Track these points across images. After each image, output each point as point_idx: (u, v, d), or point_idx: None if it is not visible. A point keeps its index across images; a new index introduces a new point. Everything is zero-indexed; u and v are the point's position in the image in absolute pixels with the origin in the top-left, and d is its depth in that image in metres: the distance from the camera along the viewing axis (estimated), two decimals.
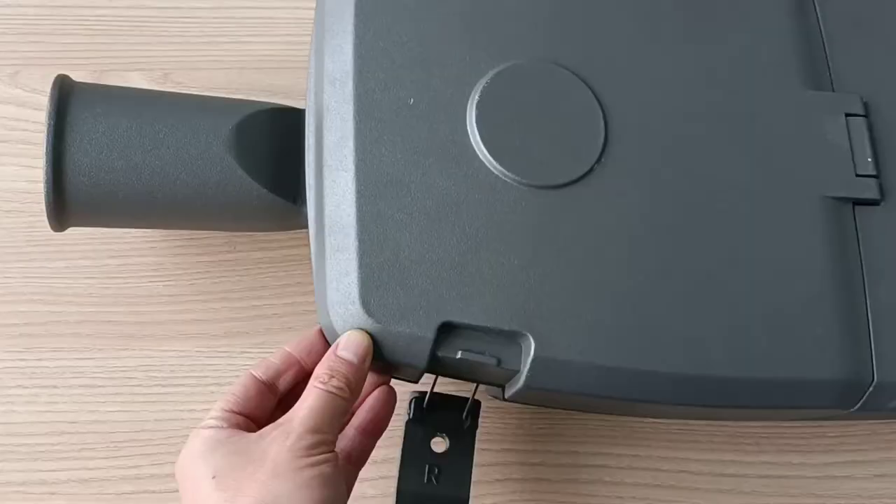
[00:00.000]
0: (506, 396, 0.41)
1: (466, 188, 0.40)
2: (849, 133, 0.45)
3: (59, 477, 0.46)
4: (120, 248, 0.49)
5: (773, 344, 0.41)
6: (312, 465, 0.36)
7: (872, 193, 0.44)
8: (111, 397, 0.47)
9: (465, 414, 0.44)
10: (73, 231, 0.45)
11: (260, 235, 0.50)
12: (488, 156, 0.40)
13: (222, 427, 0.38)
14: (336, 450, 0.38)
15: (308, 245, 0.42)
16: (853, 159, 0.44)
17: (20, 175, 0.50)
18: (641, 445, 0.49)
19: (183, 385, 0.48)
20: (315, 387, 0.38)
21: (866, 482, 0.49)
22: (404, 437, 0.44)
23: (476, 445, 0.44)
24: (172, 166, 0.41)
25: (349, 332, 0.39)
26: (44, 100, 0.41)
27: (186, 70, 0.52)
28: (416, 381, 0.41)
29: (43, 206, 0.41)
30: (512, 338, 0.39)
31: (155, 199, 0.41)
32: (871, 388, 0.42)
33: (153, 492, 0.46)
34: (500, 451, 0.48)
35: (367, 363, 0.39)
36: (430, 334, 0.38)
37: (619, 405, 0.43)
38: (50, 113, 0.39)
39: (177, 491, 0.37)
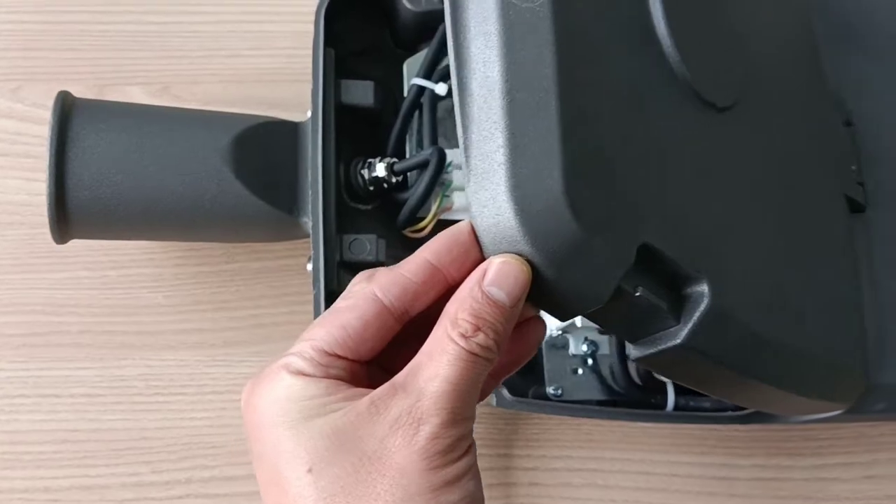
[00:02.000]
0: (636, 356, 0.33)
1: (653, 85, 0.34)
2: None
3: (62, 484, 0.47)
4: (120, 260, 0.50)
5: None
6: (455, 479, 0.27)
7: (861, 200, 0.45)
8: (112, 406, 0.48)
9: None
10: (73, 243, 0.46)
11: (257, 246, 0.51)
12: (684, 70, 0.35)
13: (316, 376, 0.28)
14: None
15: (305, 255, 0.43)
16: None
17: (22, 188, 0.51)
18: (633, 449, 0.49)
19: (183, 393, 0.49)
20: (453, 342, 0.27)
21: (855, 484, 0.50)
22: None
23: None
24: (171, 179, 0.42)
25: (503, 258, 0.28)
26: (45, 114, 0.42)
27: (186, 84, 0.53)
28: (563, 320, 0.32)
29: (44, 219, 0.42)
30: (684, 283, 0.32)
31: (154, 212, 0.42)
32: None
33: (154, 499, 0.47)
34: (495, 456, 0.49)
35: (520, 308, 0.29)
36: (631, 256, 0.30)
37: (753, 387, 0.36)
38: (53, 129, 0.40)
39: (179, 498, 0.38)
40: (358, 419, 0.27)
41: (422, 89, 0.47)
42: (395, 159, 0.46)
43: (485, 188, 0.29)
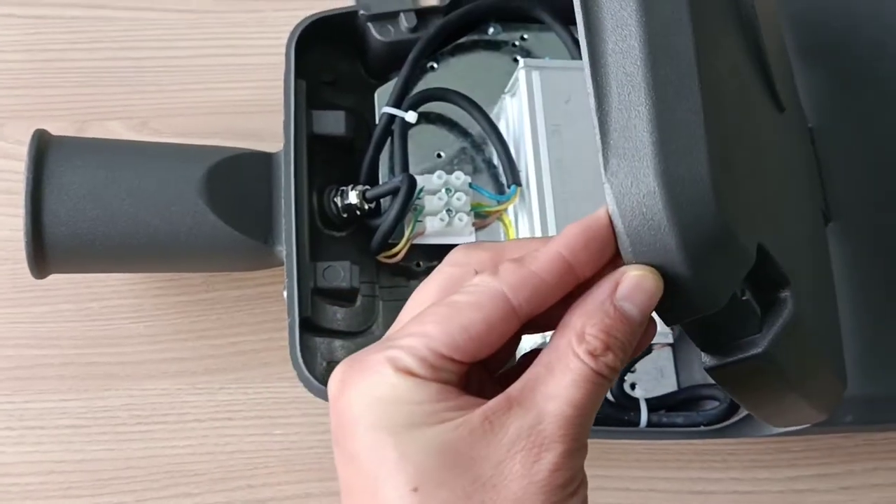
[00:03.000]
0: (711, 365, 0.30)
1: (750, 76, 0.33)
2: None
3: None
4: (101, 292, 0.51)
5: None
6: None
7: (827, 213, 0.46)
8: (96, 436, 0.49)
9: None
10: (55, 276, 0.47)
11: (237, 274, 0.52)
12: None
13: (426, 378, 0.25)
14: None
15: (283, 282, 0.44)
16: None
17: (4, 224, 0.52)
18: (612, 466, 0.50)
19: (164, 422, 0.49)
20: (579, 359, 0.25)
21: (830, 495, 0.50)
22: None
23: None
24: (147, 213, 0.43)
25: (638, 270, 0.25)
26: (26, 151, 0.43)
27: (164, 117, 0.55)
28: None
29: None
30: (774, 288, 0.30)
31: (131, 245, 0.43)
32: None
33: None
34: None
35: (645, 325, 0.26)
36: (753, 256, 0.28)
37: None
38: (28, 167, 0.41)
39: None
40: (471, 436, 0.24)
41: (392, 117, 0.49)
42: (367, 187, 0.47)
43: (628, 168, 0.26)
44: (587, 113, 0.47)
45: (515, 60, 0.51)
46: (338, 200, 0.47)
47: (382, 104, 0.49)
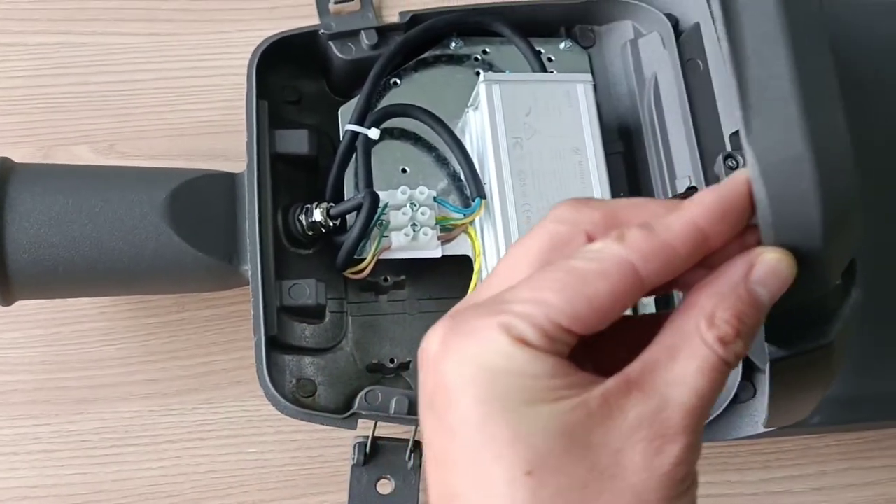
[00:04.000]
0: (779, 356, 0.27)
1: None
2: None
3: None
4: (71, 316, 0.51)
5: None
6: None
7: None
8: (69, 461, 0.49)
9: (408, 455, 0.46)
10: (24, 302, 0.47)
11: (207, 294, 0.52)
12: None
13: (543, 350, 0.23)
14: None
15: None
16: None
17: None
18: None
19: (137, 444, 0.49)
20: (708, 346, 0.23)
21: (803, 496, 0.51)
22: (350, 482, 0.46)
23: (421, 485, 0.46)
24: (110, 238, 0.43)
25: (775, 253, 0.24)
26: None
27: (131, 140, 0.55)
28: None
29: None
30: (848, 275, 0.29)
31: (95, 270, 0.43)
32: None
33: None
34: None
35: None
36: (861, 234, 0.27)
37: None
38: None
39: None
40: (589, 419, 0.22)
41: (356, 134, 0.49)
42: (331, 204, 0.48)
43: (772, 130, 0.24)
44: (547, 124, 0.48)
45: (478, 74, 0.51)
46: (302, 218, 0.47)
47: (346, 121, 0.50)
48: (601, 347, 0.25)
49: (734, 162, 0.48)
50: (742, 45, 0.26)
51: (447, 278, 0.51)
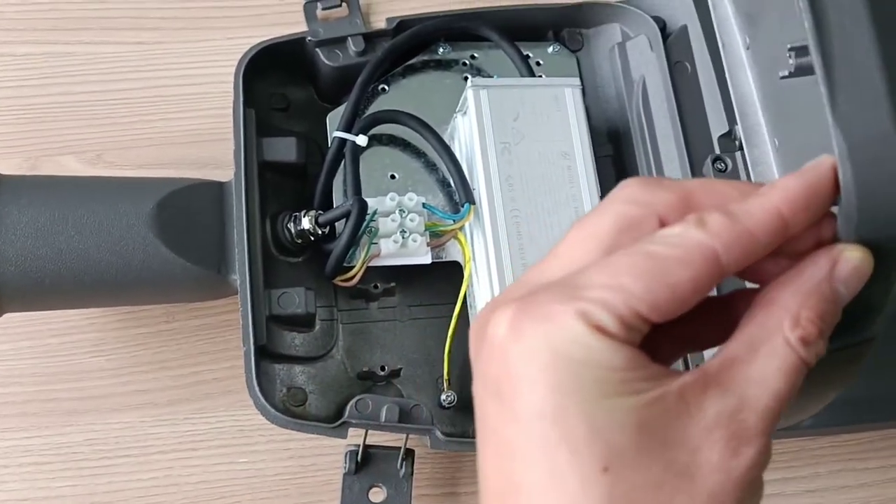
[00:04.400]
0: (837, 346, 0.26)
1: None
2: None
3: None
4: (61, 327, 0.51)
5: None
6: None
7: None
8: (59, 473, 0.49)
9: (399, 463, 0.46)
10: (13, 314, 0.47)
11: (197, 304, 0.52)
12: None
13: (620, 340, 0.22)
14: None
15: None
16: None
17: None
18: None
19: (128, 455, 0.49)
20: (791, 347, 0.22)
21: (797, 498, 0.50)
22: (342, 490, 0.46)
23: (413, 492, 0.46)
24: (96, 249, 0.43)
25: (859, 252, 0.23)
26: None
27: (118, 150, 0.55)
28: None
29: None
30: None
31: (83, 282, 0.43)
32: None
33: None
34: (440, 495, 0.49)
35: None
36: None
37: None
38: None
39: None
40: (666, 415, 0.21)
41: (344, 141, 0.49)
42: (320, 211, 0.47)
43: (859, 109, 0.24)
44: (535, 129, 0.48)
45: (466, 79, 0.51)
46: (291, 226, 0.47)
47: (334, 128, 0.50)
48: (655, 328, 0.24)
49: (723, 164, 0.48)
50: (825, 19, 0.25)
51: (437, 284, 0.51)
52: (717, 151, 0.49)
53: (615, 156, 0.53)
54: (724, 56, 0.47)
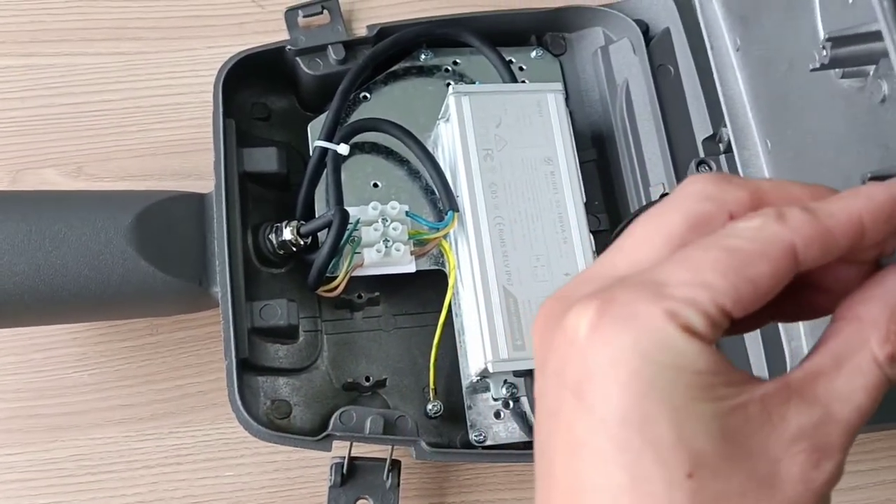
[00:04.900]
0: None
1: None
2: None
3: None
4: (43, 342, 0.51)
5: None
6: None
7: None
8: (44, 490, 0.48)
9: (385, 474, 0.45)
10: None
11: (180, 316, 0.51)
12: None
13: (708, 341, 0.22)
14: None
15: None
16: None
17: None
18: None
19: (112, 471, 0.49)
20: (878, 365, 0.22)
21: None
22: (328, 503, 0.45)
23: (400, 503, 0.46)
24: (75, 264, 0.42)
25: None
26: None
27: (99, 161, 0.54)
28: None
29: None
30: None
31: (62, 297, 0.42)
32: None
33: None
34: None
35: None
36: None
37: None
38: None
39: None
40: (748, 424, 0.21)
41: (325, 150, 0.48)
42: (301, 222, 0.47)
43: None
44: (518, 135, 0.48)
45: (449, 85, 0.51)
46: (273, 237, 0.47)
47: (315, 137, 0.49)
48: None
49: (707, 168, 0.48)
50: None
51: (423, 293, 0.50)
52: (702, 155, 0.49)
53: (599, 160, 0.53)
54: (712, 58, 0.47)
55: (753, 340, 0.46)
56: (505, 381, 0.47)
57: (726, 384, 0.21)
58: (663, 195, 0.49)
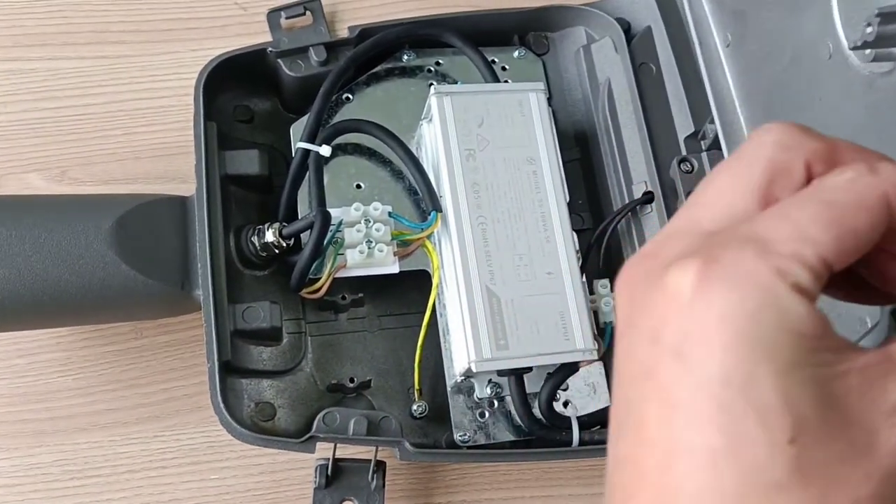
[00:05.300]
0: None
1: None
2: None
3: None
4: (27, 347, 0.50)
5: None
6: None
7: None
8: (29, 495, 0.48)
9: (371, 475, 0.45)
10: None
11: (165, 319, 0.51)
12: None
13: (813, 300, 0.21)
14: None
15: None
16: None
17: None
18: (553, 486, 0.50)
19: (98, 476, 0.49)
20: None
21: None
22: None
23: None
24: (56, 268, 0.42)
25: None
26: None
27: (83, 166, 0.54)
28: None
29: None
30: None
31: (44, 303, 0.42)
32: None
33: None
34: None
35: None
36: None
37: None
38: None
39: None
40: (849, 393, 0.21)
41: (307, 152, 0.48)
42: (284, 224, 0.47)
43: None
44: (500, 135, 0.48)
45: (431, 85, 0.51)
46: (255, 240, 0.47)
47: (298, 139, 0.49)
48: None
49: (689, 165, 0.48)
50: None
51: (407, 294, 0.50)
52: (684, 152, 0.49)
53: (583, 159, 0.53)
54: (700, 55, 0.46)
55: None
56: (489, 381, 0.47)
57: (829, 349, 0.21)
58: (646, 193, 0.49)
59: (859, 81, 0.37)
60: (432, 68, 0.53)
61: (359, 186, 0.50)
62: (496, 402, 0.47)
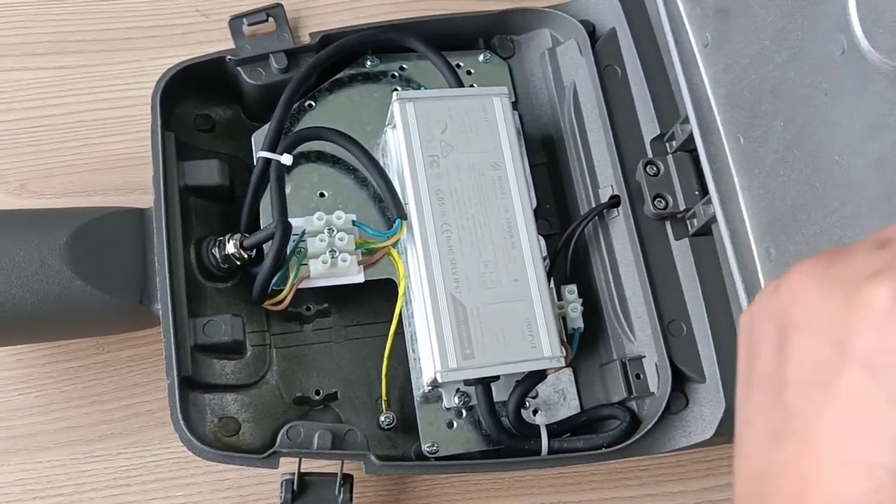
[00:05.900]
0: None
1: None
2: None
3: None
4: None
5: None
6: None
7: None
8: None
9: (337, 489, 0.44)
10: None
11: (128, 334, 0.50)
12: None
13: None
14: None
15: None
16: None
17: None
18: (524, 495, 0.49)
19: (61, 495, 0.48)
20: None
21: None
22: None
23: None
24: (9, 285, 0.41)
25: None
26: None
27: (42, 178, 0.53)
28: None
29: None
30: None
31: None
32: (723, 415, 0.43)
33: None
34: None
35: None
36: None
37: None
38: None
39: None
40: None
41: (268, 161, 0.47)
42: (245, 235, 0.46)
43: None
44: (464, 141, 0.47)
45: (396, 91, 0.50)
46: (216, 251, 0.46)
47: (259, 148, 0.48)
48: None
49: (654, 168, 0.47)
50: None
51: (374, 303, 0.50)
52: (650, 155, 0.48)
53: (550, 163, 0.53)
54: (676, 55, 0.46)
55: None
56: (457, 391, 0.46)
57: None
58: (612, 197, 0.48)
59: (880, 75, 0.36)
60: (396, 73, 0.52)
61: (322, 195, 0.49)
62: (464, 412, 0.46)
